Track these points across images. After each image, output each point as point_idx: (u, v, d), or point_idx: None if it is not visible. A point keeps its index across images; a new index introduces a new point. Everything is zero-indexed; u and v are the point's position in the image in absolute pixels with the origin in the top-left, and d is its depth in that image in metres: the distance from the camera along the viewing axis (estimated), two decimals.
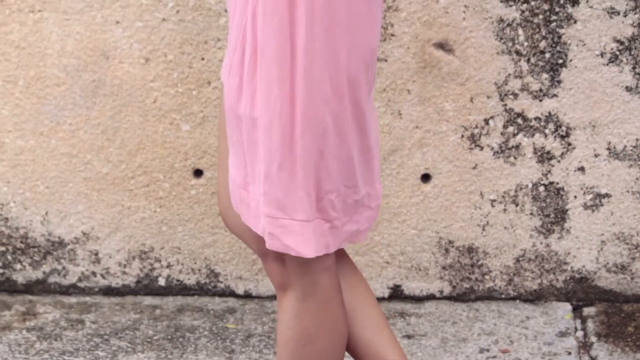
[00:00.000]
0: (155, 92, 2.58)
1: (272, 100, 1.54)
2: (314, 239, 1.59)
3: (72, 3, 2.50)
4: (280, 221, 1.58)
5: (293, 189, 1.57)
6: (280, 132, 1.55)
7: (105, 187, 2.67)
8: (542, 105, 2.58)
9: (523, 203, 2.67)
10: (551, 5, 2.50)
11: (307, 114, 1.54)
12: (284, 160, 1.56)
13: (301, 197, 1.57)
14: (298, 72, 1.53)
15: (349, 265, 1.86)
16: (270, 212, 1.58)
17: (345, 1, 1.54)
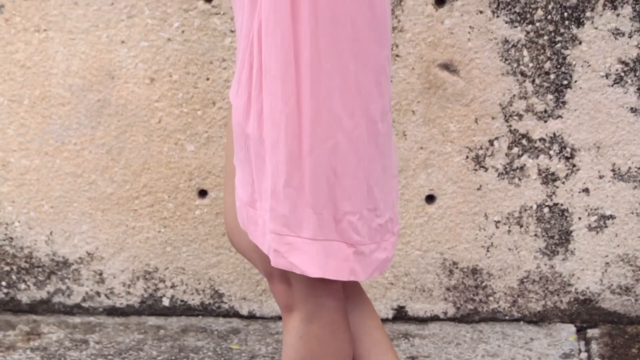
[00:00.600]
0: (160, 112, 2.49)
1: (277, 116, 1.46)
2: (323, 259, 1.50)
3: (77, 23, 2.41)
4: (285, 238, 1.50)
5: (300, 206, 1.48)
6: (286, 148, 1.47)
7: (110, 207, 2.58)
8: (547, 126, 2.49)
9: (527, 224, 2.57)
10: (556, 26, 2.41)
11: (316, 130, 1.46)
12: (291, 176, 1.47)
13: (309, 215, 1.49)
14: (304, 88, 1.45)
15: (354, 286, 1.77)
16: (276, 228, 1.50)
17: (350, 14, 1.46)
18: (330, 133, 1.46)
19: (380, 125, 1.53)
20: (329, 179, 1.48)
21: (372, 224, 1.54)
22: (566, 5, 2.39)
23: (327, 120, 1.46)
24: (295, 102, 1.45)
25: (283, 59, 1.44)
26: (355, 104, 1.48)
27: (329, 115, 1.46)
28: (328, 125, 1.46)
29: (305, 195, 1.48)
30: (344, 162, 1.48)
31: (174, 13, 2.40)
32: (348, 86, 1.47)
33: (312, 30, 1.43)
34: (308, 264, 1.50)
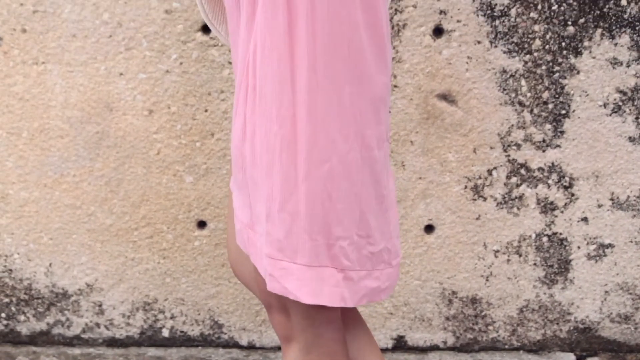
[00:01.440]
0: (158, 143, 2.36)
1: (272, 139, 1.37)
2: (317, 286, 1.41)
3: (75, 55, 2.28)
4: (280, 263, 1.41)
5: (295, 232, 1.39)
6: (281, 171, 1.37)
7: (109, 238, 2.44)
8: (546, 155, 2.36)
9: (526, 254, 2.44)
10: (554, 56, 2.29)
11: (312, 155, 1.36)
12: (286, 201, 1.38)
13: (304, 240, 1.39)
14: (300, 111, 1.36)
15: (353, 316, 1.69)
16: (272, 253, 1.42)
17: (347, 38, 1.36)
18: (325, 157, 1.37)
19: (376, 152, 1.43)
20: (324, 203, 1.38)
21: (363, 251, 1.44)
22: (564, 34, 2.27)
23: (323, 144, 1.36)
24: (290, 126, 1.36)
25: (279, 81, 1.35)
26: (350, 128, 1.38)
27: (325, 138, 1.36)
28: (324, 149, 1.37)
29: (301, 220, 1.38)
30: (338, 186, 1.38)
31: (172, 45, 2.28)
32: (344, 110, 1.37)
33: (310, 53, 1.34)
34: (302, 291, 1.41)
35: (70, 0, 2.24)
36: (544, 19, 2.26)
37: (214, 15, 1.67)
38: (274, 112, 1.36)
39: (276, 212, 1.38)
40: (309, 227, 1.38)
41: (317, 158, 1.36)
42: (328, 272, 1.41)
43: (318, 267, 1.40)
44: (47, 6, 2.24)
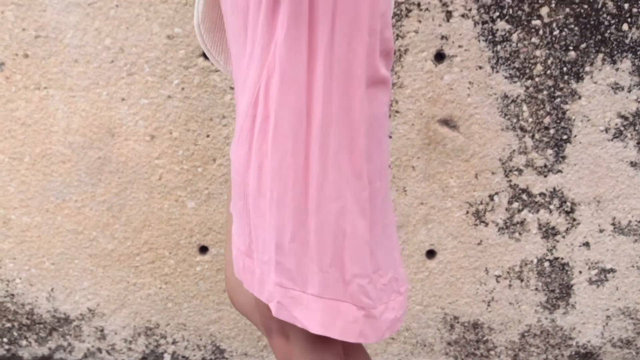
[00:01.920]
0: (160, 169, 2.28)
1: (285, 171, 1.34)
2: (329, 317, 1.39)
3: (77, 80, 2.21)
4: (290, 292, 1.40)
5: (305, 262, 1.37)
6: (292, 203, 1.35)
7: (111, 263, 2.36)
8: (547, 180, 2.29)
9: (528, 279, 2.36)
10: (555, 81, 2.21)
11: (323, 189, 1.34)
12: (296, 232, 1.36)
13: (313, 271, 1.38)
14: (313, 146, 1.34)
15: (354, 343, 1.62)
16: (282, 281, 1.40)
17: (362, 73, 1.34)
18: (339, 193, 1.35)
19: (378, 184, 1.41)
20: (336, 239, 1.36)
21: (377, 285, 1.42)
22: (565, 60, 2.20)
23: (335, 179, 1.34)
24: (304, 159, 1.34)
25: (296, 114, 1.33)
26: (364, 165, 1.36)
27: (338, 175, 1.34)
28: (337, 185, 1.35)
29: (310, 251, 1.36)
30: (353, 224, 1.36)
31: (174, 70, 2.20)
32: (357, 147, 1.35)
33: (326, 87, 1.33)
34: (310, 319, 1.39)
35: (72, 26, 2.17)
36: (546, 44, 2.19)
37: (213, 45, 1.63)
38: (289, 145, 1.33)
39: (287, 242, 1.36)
40: (318, 258, 1.36)
41: (328, 193, 1.34)
42: (345, 306, 1.38)
43: (330, 300, 1.38)
44: (49, 31, 2.17)
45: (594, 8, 2.17)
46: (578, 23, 2.18)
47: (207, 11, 1.61)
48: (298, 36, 1.31)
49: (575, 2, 2.16)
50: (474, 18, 2.18)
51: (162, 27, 2.17)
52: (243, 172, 1.41)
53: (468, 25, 2.18)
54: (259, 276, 1.43)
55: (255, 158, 1.38)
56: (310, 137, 1.33)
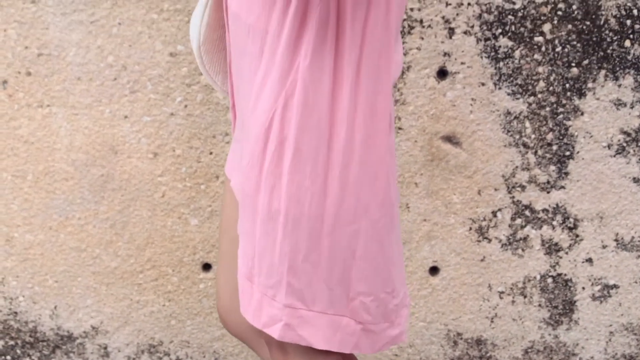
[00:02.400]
0: (163, 186, 2.20)
1: (302, 193, 1.32)
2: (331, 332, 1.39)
3: (80, 98, 2.13)
4: (299, 312, 1.39)
5: (315, 281, 1.37)
6: (308, 225, 1.33)
7: (114, 281, 2.28)
8: (550, 197, 2.21)
9: (531, 295, 2.28)
10: (558, 97, 2.14)
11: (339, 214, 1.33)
12: (310, 253, 1.34)
13: (322, 289, 1.37)
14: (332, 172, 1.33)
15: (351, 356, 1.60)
16: (293, 302, 1.38)
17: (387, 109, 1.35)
18: (354, 218, 1.34)
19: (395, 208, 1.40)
20: (346, 259, 1.36)
21: (389, 305, 1.43)
22: (568, 76, 2.13)
23: (352, 206, 1.33)
24: (322, 184, 1.32)
25: (317, 139, 1.31)
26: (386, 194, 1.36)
27: (356, 202, 1.33)
28: (353, 212, 1.34)
29: (321, 271, 1.36)
30: (364, 247, 1.36)
31: (177, 88, 2.13)
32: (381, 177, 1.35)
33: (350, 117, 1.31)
34: (315, 336, 1.39)
35: (75, 44, 2.09)
36: (548, 60, 2.12)
37: (211, 65, 1.59)
38: (308, 168, 1.31)
39: (300, 262, 1.35)
40: (328, 277, 1.36)
41: (344, 218, 1.33)
42: (345, 321, 1.39)
43: (333, 315, 1.38)
44: (51, 49, 2.10)
45: (596, 25, 2.10)
46: (580, 40, 2.11)
47: (209, 33, 1.56)
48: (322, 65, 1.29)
49: (577, 19, 2.09)
50: (477, 35, 2.10)
51: (165, 44, 2.10)
52: (253, 195, 1.37)
53: (470, 42, 2.11)
54: (257, 301, 1.41)
55: (267, 181, 1.34)
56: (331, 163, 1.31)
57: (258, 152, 1.35)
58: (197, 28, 1.55)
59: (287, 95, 1.30)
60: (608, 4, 2.09)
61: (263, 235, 1.37)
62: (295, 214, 1.33)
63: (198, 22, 1.55)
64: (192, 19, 1.58)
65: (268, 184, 1.34)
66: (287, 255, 1.35)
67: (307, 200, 1.32)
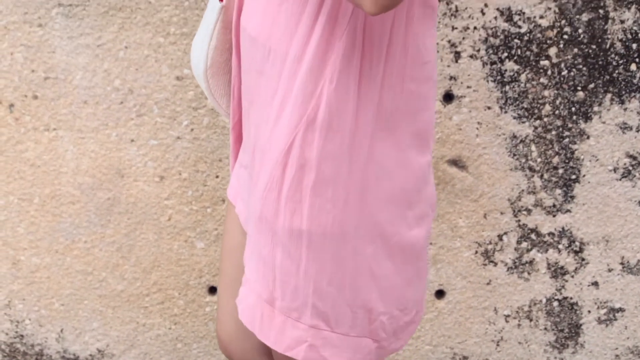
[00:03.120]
0: (169, 209, 2.09)
1: (323, 216, 1.27)
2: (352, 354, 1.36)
3: (87, 121, 2.03)
4: (322, 333, 1.34)
5: (338, 304, 1.32)
6: (330, 248, 1.28)
7: (120, 304, 2.17)
8: (556, 220, 2.10)
9: (537, 318, 2.16)
10: (564, 121, 2.03)
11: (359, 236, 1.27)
12: (334, 276, 1.29)
13: (345, 312, 1.32)
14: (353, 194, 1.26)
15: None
16: (318, 324, 1.33)
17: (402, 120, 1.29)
18: (372, 239, 1.28)
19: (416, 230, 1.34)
20: (367, 281, 1.31)
21: (400, 322, 1.39)
22: (573, 100, 2.02)
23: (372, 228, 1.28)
24: (342, 206, 1.26)
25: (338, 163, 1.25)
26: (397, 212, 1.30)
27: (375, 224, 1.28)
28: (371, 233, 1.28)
29: (345, 294, 1.31)
30: (380, 266, 1.31)
31: (183, 111, 2.02)
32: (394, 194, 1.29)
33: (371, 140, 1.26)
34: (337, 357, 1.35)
35: (81, 67, 1.99)
36: (554, 84, 2.01)
37: (216, 88, 1.51)
38: (329, 192, 1.26)
39: (325, 285, 1.30)
40: (352, 300, 1.31)
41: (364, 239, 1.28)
42: (365, 342, 1.36)
43: (356, 337, 1.35)
44: (58, 73, 1.99)
45: (602, 48, 1.99)
46: (586, 63, 2.00)
47: (216, 56, 1.47)
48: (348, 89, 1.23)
49: (583, 43, 1.98)
50: (483, 59, 2.00)
51: (171, 68, 1.99)
52: (272, 219, 1.30)
53: (477, 66, 2.00)
54: (279, 324, 1.35)
55: (287, 205, 1.28)
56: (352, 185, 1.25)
57: (276, 176, 1.28)
58: (204, 52, 1.47)
59: (309, 120, 1.24)
60: (614, 28, 1.98)
61: (285, 258, 1.31)
62: (318, 236, 1.28)
63: (205, 45, 1.46)
64: (196, 42, 1.49)
65: (288, 208, 1.28)
66: (313, 278, 1.30)
67: (329, 222, 1.27)
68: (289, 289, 1.33)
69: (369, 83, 1.23)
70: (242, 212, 1.49)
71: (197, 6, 1.95)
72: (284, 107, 1.26)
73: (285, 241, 1.29)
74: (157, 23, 1.96)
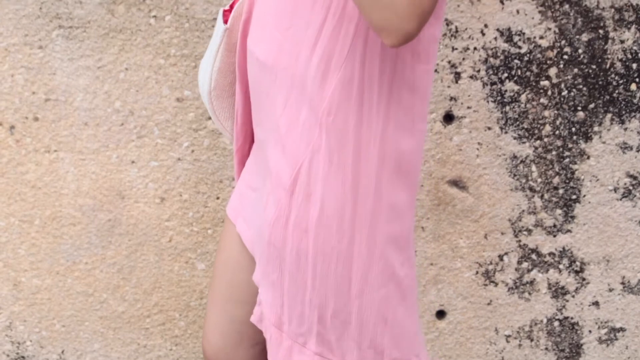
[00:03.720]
0: (170, 231, 2.00)
1: (328, 251, 1.19)
2: None
3: (87, 143, 1.94)
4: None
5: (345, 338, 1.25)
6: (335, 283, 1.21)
7: (121, 325, 2.07)
8: (556, 240, 2.01)
9: (538, 338, 2.07)
10: (564, 141, 1.94)
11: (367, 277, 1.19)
12: (339, 311, 1.22)
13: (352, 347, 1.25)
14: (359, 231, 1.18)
15: None
16: (323, 351, 1.27)
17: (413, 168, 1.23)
18: (383, 282, 1.20)
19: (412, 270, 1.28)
20: (377, 325, 1.23)
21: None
22: (574, 120, 1.93)
23: (381, 270, 1.19)
24: (348, 244, 1.18)
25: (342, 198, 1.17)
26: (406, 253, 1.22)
27: (385, 265, 1.19)
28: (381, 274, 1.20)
29: (352, 331, 1.24)
30: (394, 310, 1.22)
31: (184, 133, 1.93)
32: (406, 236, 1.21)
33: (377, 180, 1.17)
34: None
35: (82, 89, 1.90)
36: (554, 104, 1.92)
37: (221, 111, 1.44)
38: (334, 226, 1.17)
39: (329, 317, 1.23)
40: (359, 339, 1.24)
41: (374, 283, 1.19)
42: None
43: None
44: (59, 94, 1.91)
45: (602, 68, 1.91)
46: (586, 83, 1.92)
47: (219, 78, 1.39)
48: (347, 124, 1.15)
49: (583, 63, 1.90)
50: (483, 79, 1.91)
51: (172, 90, 1.91)
52: (280, 247, 1.23)
53: (477, 87, 1.92)
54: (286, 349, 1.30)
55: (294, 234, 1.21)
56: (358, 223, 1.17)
57: (285, 204, 1.21)
58: (208, 74, 1.39)
59: (314, 150, 1.17)
60: (614, 48, 1.90)
61: (292, 285, 1.25)
62: (323, 270, 1.20)
63: (209, 67, 1.38)
64: (202, 64, 1.41)
65: (295, 236, 1.21)
66: (317, 308, 1.23)
67: (334, 259, 1.19)
68: (296, 315, 1.27)
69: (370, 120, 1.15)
70: (244, 231, 1.41)
71: (198, 28, 1.87)
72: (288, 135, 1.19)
73: (292, 269, 1.23)
74: (158, 45, 1.88)
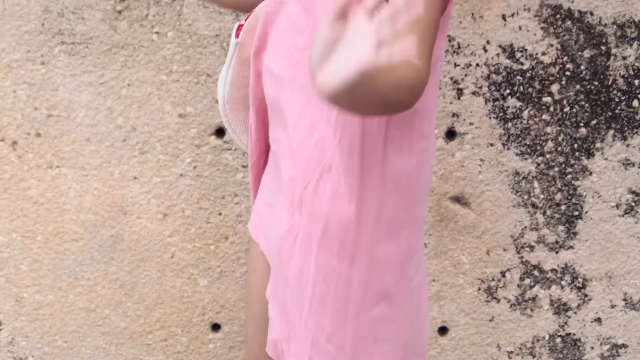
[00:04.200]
0: (172, 247, 1.93)
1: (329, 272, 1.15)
2: None
3: (90, 159, 1.87)
4: None
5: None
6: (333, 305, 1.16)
7: (124, 341, 2.00)
8: (559, 257, 1.94)
9: (540, 355, 1.99)
10: (566, 157, 1.87)
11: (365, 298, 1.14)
12: (334, 335, 1.18)
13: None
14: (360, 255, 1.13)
15: None
16: None
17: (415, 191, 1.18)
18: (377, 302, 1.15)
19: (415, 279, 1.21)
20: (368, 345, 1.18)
21: None
22: (576, 136, 1.87)
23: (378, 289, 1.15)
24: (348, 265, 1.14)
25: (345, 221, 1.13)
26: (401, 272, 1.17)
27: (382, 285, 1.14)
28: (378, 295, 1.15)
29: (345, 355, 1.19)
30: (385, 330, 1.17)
31: (186, 149, 1.87)
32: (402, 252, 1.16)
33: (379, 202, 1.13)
34: None
35: (84, 105, 1.83)
36: (556, 121, 1.86)
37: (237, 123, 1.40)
38: (335, 248, 1.13)
39: (323, 341, 1.19)
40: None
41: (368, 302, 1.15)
42: None
43: None
44: (61, 110, 1.84)
45: (604, 85, 1.84)
46: (588, 100, 1.85)
47: (233, 91, 1.35)
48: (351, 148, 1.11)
49: (585, 79, 1.83)
50: (485, 95, 1.85)
51: (174, 105, 1.84)
52: (286, 263, 1.20)
53: (479, 103, 1.85)
54: None
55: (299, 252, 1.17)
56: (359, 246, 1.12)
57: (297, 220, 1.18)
58: (222, 87, 1.37)
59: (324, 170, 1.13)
60: (616, 64, 1.83)
61: (293, 304, 1.22)
62: (322, 291, 1.16)
63: (222, 80, 1.36)
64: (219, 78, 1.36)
65: (300, 254, 1.17)
66: (312, 332, 1.19)
67: (334, 280, 1.15)
68: (294, 334, 1.23)
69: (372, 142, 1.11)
70: (266, 250, 1.35)
71: (200, 44, 1.81)
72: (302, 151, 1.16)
73: (294, 288, 1.19)
74: (160, 61, 1.81)
